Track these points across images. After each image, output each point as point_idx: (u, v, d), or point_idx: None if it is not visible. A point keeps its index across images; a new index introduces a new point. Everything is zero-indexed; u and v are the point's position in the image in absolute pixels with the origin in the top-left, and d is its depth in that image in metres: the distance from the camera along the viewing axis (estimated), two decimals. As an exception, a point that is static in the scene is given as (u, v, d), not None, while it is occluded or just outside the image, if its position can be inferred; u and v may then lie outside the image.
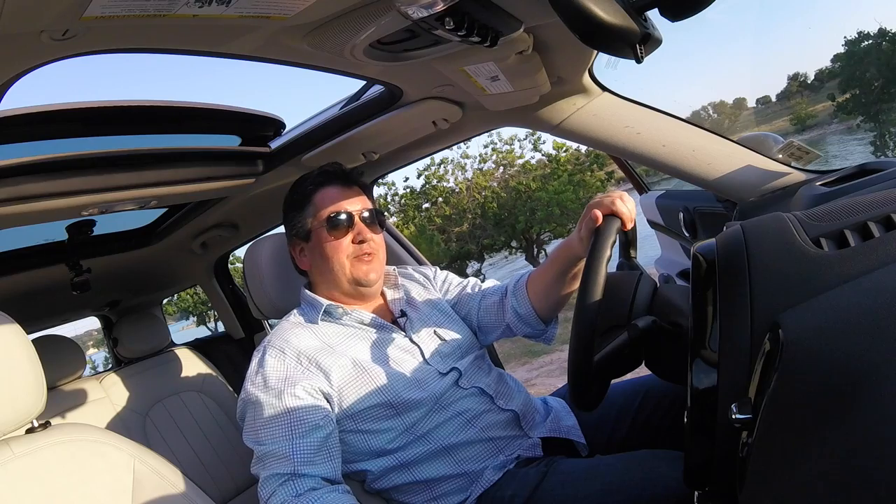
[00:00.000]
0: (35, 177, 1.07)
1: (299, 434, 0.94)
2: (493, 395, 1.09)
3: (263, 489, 0.93)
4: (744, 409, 0.46)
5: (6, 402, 0.80)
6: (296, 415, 0.95)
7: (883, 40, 18.44)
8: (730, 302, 0.52)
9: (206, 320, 20.15)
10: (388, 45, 0.86)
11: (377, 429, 1.02)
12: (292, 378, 0.98)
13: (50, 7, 0.59)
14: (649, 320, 0.87)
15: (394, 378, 1.03)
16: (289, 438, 0.93)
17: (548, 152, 11.16)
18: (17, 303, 1.83)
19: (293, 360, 1.01)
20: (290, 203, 1.16)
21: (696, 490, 0.63)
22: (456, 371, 1.09)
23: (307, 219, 1.12)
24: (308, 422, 0.95)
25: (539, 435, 1.09)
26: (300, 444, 0.93)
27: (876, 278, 0.44)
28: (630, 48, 0.71)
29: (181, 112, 1.17)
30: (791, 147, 1.29)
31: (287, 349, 1.02)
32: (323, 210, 1.11)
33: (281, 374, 0.99)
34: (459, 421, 1.05)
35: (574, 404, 0.88)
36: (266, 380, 0.99)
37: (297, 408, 0.95)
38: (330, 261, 1.10)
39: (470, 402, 1.07)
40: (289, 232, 1.17)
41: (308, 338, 1.05)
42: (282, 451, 0.93)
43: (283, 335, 1.06)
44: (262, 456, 0.95)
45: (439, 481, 1.02)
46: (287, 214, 1.17)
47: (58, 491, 0.84)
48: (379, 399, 1.01)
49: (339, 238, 1.10)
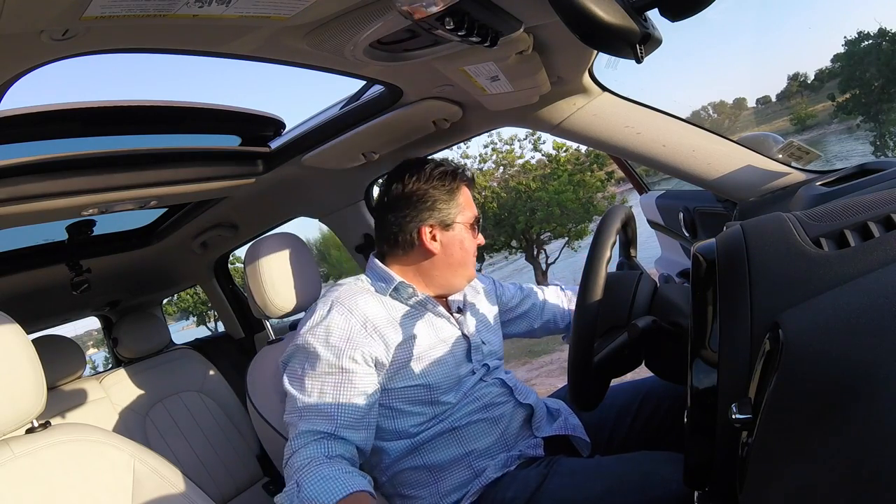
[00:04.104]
0: (35, 177, 1.07)
1: (347, 397, 0.96)
2: (513, 388, 1.14)
3: (297, 440, 0.94)
4: (744, 409, 0.46)
5: (6, 402, 0.80)
6: (349, 377, 0.97)
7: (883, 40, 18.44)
8: (730, 302, 0.52)
9: (206, 320, 20.17)
10: (388, 45, 0.86)
11: (409, 410, 1.04)
12: (354, 341, 0.99)
13: (50, 7, 0.59)
14: (649, 320, 0.87)
15: (440, 365, 1.06)
16: (336, 399, 0.95)
17: (548, 152, 11.16)
18: (17, 303, 1.83)
19: (359, 323, 1.02)
20: (440, 187, 1.13)
21: (696, 490, 0.63)
22: (486, 367, 1.14)
23: (453, 210, 1.13)
24: (359, 387, 0.97)
25: (543, 435, 1.10)
26: (346, 408, 0.95)
27: (876, 278, 0.44)
28: (630, 48, 0.71)
29: (181, 112, 1.17)
30: (791, 147, 1.29)
31: (355, 311, 1.03)
32: (469, 210, 1.16)
33: (345, 333, 1.00)
34: (483, 413, 1.08)
35: (574, 404, 0.88)
36: (329, 334, 1.00)
37: (351, 371, 0.97)
38: (462, 255, 1.14)
39: (491, 389, 1.11)
40: (423, 210, 1.12)
41: (376, 306, 1.07)
42: (327, 409, 0.95)
43: (352, 297, 1.06)
44: (304, 408, 0.97)
45: (444, 469, 1.04)
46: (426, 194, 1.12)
47: (58, 491, 0.84)
48: (422, 381, 1.04)
49: (474, 240, 1.16)
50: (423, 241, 1.11)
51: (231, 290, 2.39)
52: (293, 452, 0.93)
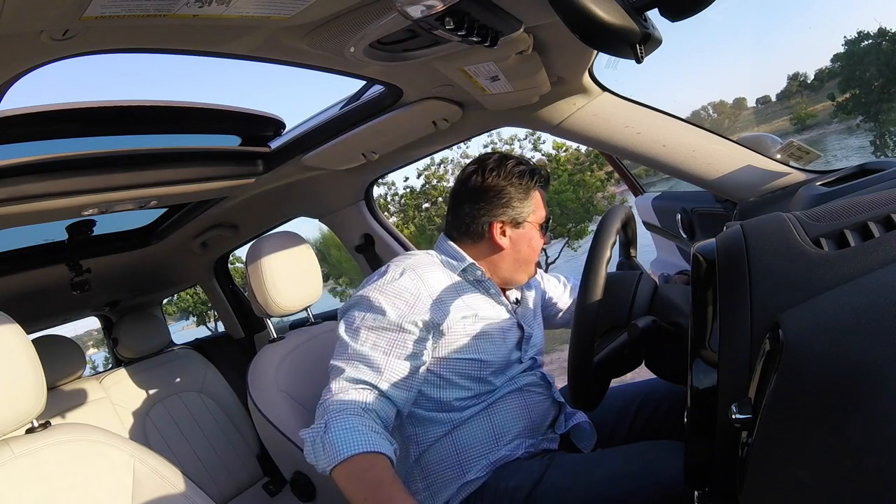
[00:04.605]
0: (35, 177, 1.07)
1: (398, 355, 0.99)
2: (552, 384, 1.17)
3: (340, 383, 0.97)
4: (744, 409, 0.46)
5: (6, 402, 0.80)
6: (404, 338, 1.00)
7: (883, 40, 18.44)
8: (730, 302, 0.52)
9: (206, 320, 20.16)
10: (388, 45, 0.86)
11: (458, 383, 1.06)
12: (419, 307, 1.02)
13: (50, 7, 0.59)
14: (649, 320, 0.87)
15: (495, 345, 1.10)
16: (387, 354, 0.99)
17: (548, 152, 11.16)
18: (17, 303, 1.83)
19: (427, 292, 1.04)
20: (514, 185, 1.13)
21: (696, 490, 0.63)
22: (533, 360, 1.18)
23: (526, 209, 1.14)
24: (412, 350, 1.00)
25: (561, 431, 1.14)
26: (394, 364, 0.98)
27: (876, 278, 0.44)
28: (630, 48, 0.71)
29: (181, 112, 1.17)
30: (791, 147, 1.29)
31: (426, 280, 1.06)
32: (540, 211, 1.17)
33: (412, 297, 1.02)
34: (519, 400, 1.11)
35: (574, 404, 0.88)
36: (397, 295, 1.02)
37: (410, 332, 1.00)
38: (530, 253, 1.16)
39: (531, 378, 1.14)
40: (499, 204, 1.13)
41: (446, 279, 1.10)
42: (377, 361, 0.98)
43: (425, 266, 1.09)
44: (353, 355, 0.99)
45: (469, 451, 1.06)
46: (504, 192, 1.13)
47: (58, 491, 0.84)
48: (476, 356, 1.07)
49: (541, 239, 1.18)
50: (493, 236, 1.14)
51: (231, 290, 2.39)
52: (332, 394, 0.96)
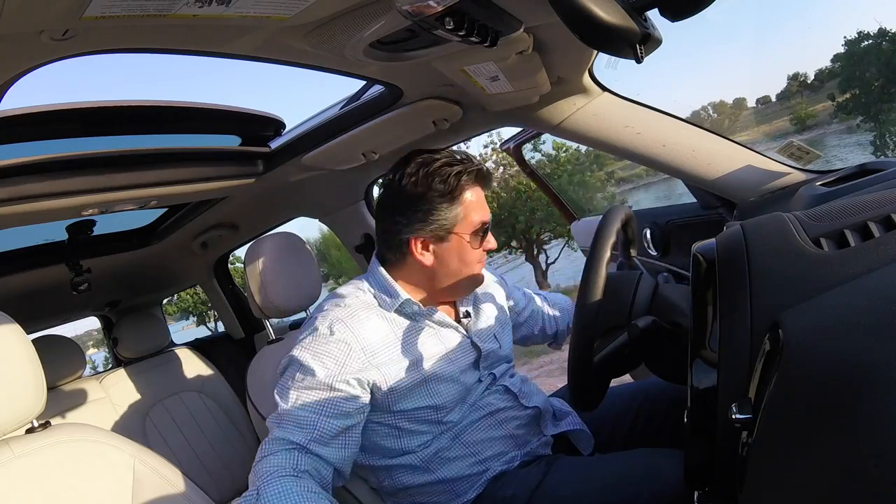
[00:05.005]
0: (35, 177, 1.07)
1: (328, 413, 0.92)
2: (517, 394, 1.10)
3: (268, 445, 0.91)
4: (744, 409, 0.46)
5: (6, 402, 0.80)
6: (335, 396, 0.93)
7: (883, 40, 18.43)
8: (730, 302, 0.52)
9: (206, 320, 20.16)
10: (388, 45, 0.86)
11: (414, 430, 1.01)
12: (350, 365, 0.95)
13: (50, 7, 0.59)
14: (649, 320, 0.87)
15: (446, 382, 1.02)
16: (317, 412, 0.92)
17: (548, 152, 11.17)
18: (17, 303, 1.83)
19: (359, 347, 0.96)
20: (435, 191, 1.00)
21: (696, 490, 0.63)
22: (492, 376, 1.11)
23: (451, 219, 1.01)
24: (342, 408, 0.94)
25: (551, 433, 1.10)
26: (324, 423, 0.92)
27: (876, 278, 0.44)
28: (630, 48, 0.71)
29: (181, 112, 1.17)
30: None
31: (358, 334, 0.97)
32: (473, 216, 1.02)
33: (342, 356, 0.95)
34: (489, 421, 1.06)
35: (574, 404, 0.88)
36: (326, 354, 0.95)
37: (340, 391, 0.94)
38: (462, 267, 1.04)
39: (495, 398, 1.08)
40: (417, 217, 1.01)
41: (378, 326, 1.01)
42: (306, 420, 0.91)
43: (357, 315, 1.00)
44: (283, 414, 0.93)
45: (455, 481, 1.02)
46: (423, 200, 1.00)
47: (58, 491, 0.84)
48: (427, 402, 1.00)
49: (476, 248, 1.05)
50: (413, 253, 1.02)
51: (231, 290, 2.39)
52: (261, 458, 0.89)
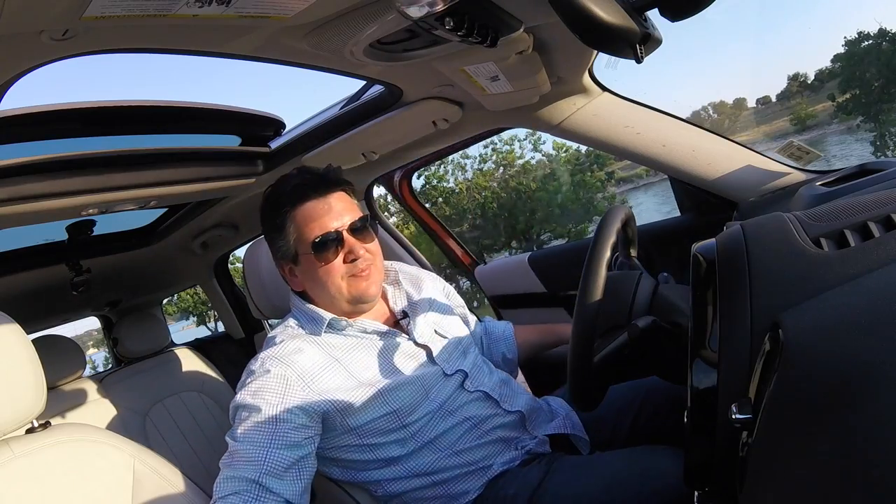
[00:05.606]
0: (35, 177, 1.07)
1: (276, 445, 0.90)
2: (499, 399, 1.08)
3: (220, 486, 0.89)
4: (744, 409, 0.46)
5: (6, 402, 0.80)
6: (281, 428, 0.91)
7: (883, 40, 18.44)
8: (730, 302, 0.52)
9: (206, 320, 20.18)
10: (388, 45, 0.86)
11: (383, 441, 1.00)
12: (290, 396, 0.94)
13: (50, 7, 0.59)
14: (649, 320, 0.87)
15: (399, 387, 1.00)
16: (266, 447, 0.90)
17: (548, 152, 11.19)
18: (17, 303, 1.83)
19: (295, 375, 0.96)
20: (269, 224, 1.06)
21: (696, 490, 0.63)
22: (461, 373, 1.07)
23: (290, 242, 1.03)
24: (290, 438, 0.91)
25: (545, 433, 1.09)
26: (274, 455, 0.89)
27: (876, 278, 0.44)
28: (630, 48, 0.71)
29: (181, 112, 1.17)
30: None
31: (293, 364, 0.97)
32: (307, 232, 1.01)
33: (280, 388, 0.94)
34: (467, 426, 1.04)
35: (574, 404, 0.88)
36: (266, 390, 0.95)
37: (286, 421, 0.92)
38: (325, 285, 1.03)
39: (475, 406, 1.06)
40: (273, 253, 1.08)
41: (312, 353, 1.00)
42: (255, 455, 0.89)
43: (289, 350, 0.99)
44: (233, 453, 0.91)
45: (453, 480, 1.02)
46: (267, 235, 1.08)
47: (58, 491, 0.84)
48: (384, 410, 0.98)
49: (330, 261, 1.01)
50: (289, 283, 1.08)
51: (231, 290, 2.39)
52: (216, 497, 0.88)
